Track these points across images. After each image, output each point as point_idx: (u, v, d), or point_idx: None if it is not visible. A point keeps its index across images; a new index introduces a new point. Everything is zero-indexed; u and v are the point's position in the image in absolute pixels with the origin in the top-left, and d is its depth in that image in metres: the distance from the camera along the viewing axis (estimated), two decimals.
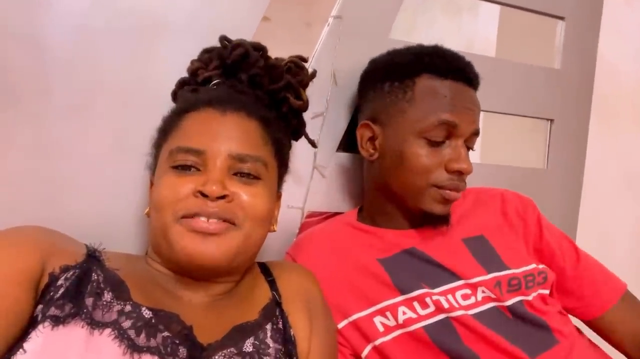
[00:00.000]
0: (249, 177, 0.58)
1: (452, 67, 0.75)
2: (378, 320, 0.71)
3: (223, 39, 0.69)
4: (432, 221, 0.76)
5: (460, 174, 0.73)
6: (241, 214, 0.56)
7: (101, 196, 0.73)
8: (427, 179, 0.73)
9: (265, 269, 0.67)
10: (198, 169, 0.57)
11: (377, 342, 0.70)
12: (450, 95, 0.74)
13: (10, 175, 0.68)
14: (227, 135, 0.58)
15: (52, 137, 0.70)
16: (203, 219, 0.54)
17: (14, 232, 0.53)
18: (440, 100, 0.73)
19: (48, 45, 0.69)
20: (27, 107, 0.69)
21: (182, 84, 0.71)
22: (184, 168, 0.57)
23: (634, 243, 1.26)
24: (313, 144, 0.79)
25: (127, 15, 0.73)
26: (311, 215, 0.89)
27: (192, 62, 0.71)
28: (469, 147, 0.76)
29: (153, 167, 0.63)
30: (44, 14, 0.69)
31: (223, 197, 0.55)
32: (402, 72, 0.77)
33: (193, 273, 0.58)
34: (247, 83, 0.67)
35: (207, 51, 0.70)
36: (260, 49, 0.69)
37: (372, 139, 0.79)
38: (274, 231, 0.65)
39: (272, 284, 0.65)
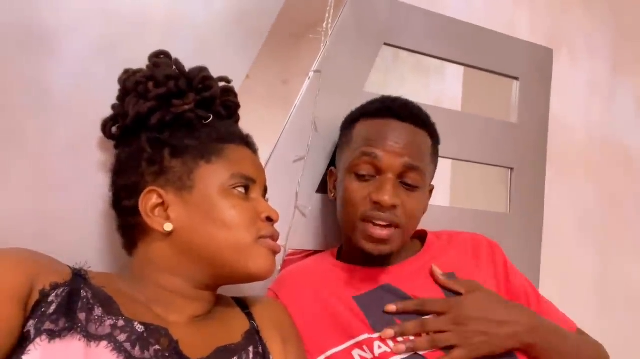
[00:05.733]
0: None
1: (384, 107, 0.82)
2: (356, 353, 0.74)
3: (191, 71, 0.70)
4: (369, 261, 0.80)
5: (381, 206, 0.75)
6: None
7: (95, 231, 0.76)
8: (356, 213, 0.77)
9: (240, 302, 0.72)
10: (246, 193, 0.67)
11: None
12: (377, 129, 0.80)
13: (10, 210, 0.71)
14: (262, 170, 0.71)
15: (52, 174, 0.74)
16: (273, 242, 0.67)
17: (0, 253, 0.55)
18: (367, 135, 0.80)
19: (51, 88, 0.75)
20: (29, 145, 0.73)
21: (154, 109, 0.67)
22: (240, 192, 0.66)
23: (594, 285, 1.34)
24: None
25: (126, 63, 0.79)
26: (293, 253, 0.93)
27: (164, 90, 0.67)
28: (408, 185, 0.78)
29: (175, 181, 0.64)
30: (47, 59, 0.75)
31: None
32: (349, 121, 0.86)
33: (230, 283, 0.67)
34: (226, 115, 0.74)
35: (171, 78, 0.67)
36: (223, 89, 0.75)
37: (335, 182, 0.86)
38: None
39: (249, 316, 0.69)
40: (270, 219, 0.67)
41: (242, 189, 0.66)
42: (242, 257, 0.63)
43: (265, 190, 0.72)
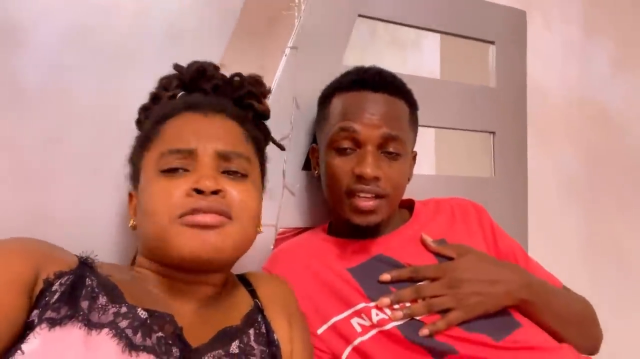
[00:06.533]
0: (236, 175, 0.61)
1: (357, 79, 0.81)
2: (355, 321, 0.75)
3: (176, 66, 0.71)
4: (359, 233, 0.81)
5: (364, 178, 0.75)
6: (235, 209, 0.58)
7: (78, 225, 0.74)
8: (341, 187, 0.78)
9: (243, 279, 0.71)
10: (186, 170, 0.59)
11: (356, 342, 0.73)
12: (352, 103, 0.79)
13: None
14: (211, 134, 0.61)
15: (28, 167, 0.72)
16: (201, 215, 0.56)
17: (5, 242, 0.54)
18: (343, 110, 0.79)
19: (23, 80, 0.73)
20: (3, 140, 0.71)
21: (145, 109, 0.71)
22: (172, 171, 0.58)
23: (580, 244, 1.37)
24: (281, 147, 0.79)
25: (97, 51, 0.77)
26: (284, 232, 0.93)
27: (153, 91, 0.72)
28: (389, 153, 0.78)
29: (135, 181, 0.65)
30: (18, 51, 0.73)
31: (216, 192, 0.57)
32: (324, 96, 0.86)
33: (193, 269, 0.59)
34: (212, 93, 0.69)
35: (164, 78, 0.71)
36: (214, 66, 0.71)
37: (318, 159, 0.86)
38: (261, 231, 0.66)
39: (253, 293, 0.68)
40: (199, 191, 0.56)
41: (176, 165, 0.58)
42: (165, 243, 0.56)
43: (227, 155, 0.60)
